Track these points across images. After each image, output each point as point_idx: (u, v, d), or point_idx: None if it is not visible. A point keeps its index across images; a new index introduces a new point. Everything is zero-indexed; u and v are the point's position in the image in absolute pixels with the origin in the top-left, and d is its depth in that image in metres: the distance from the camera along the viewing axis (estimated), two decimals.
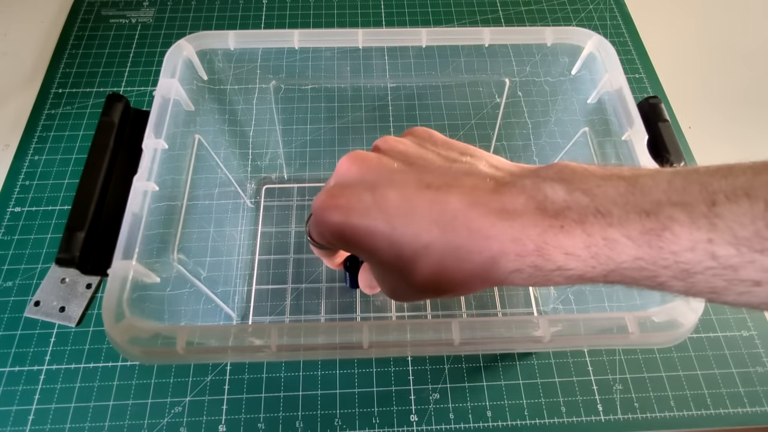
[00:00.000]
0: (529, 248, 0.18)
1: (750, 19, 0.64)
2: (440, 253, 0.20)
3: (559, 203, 0.18)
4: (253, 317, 0.42)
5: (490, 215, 0.19)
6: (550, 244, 0.18)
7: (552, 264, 0.18)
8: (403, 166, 0.23)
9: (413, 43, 0.35)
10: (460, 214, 0.20)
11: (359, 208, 0.21)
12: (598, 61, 0.34)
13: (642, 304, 0.28)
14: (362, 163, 0.23)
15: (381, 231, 0.21)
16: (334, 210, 0.22)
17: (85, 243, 0.26)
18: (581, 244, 0.17)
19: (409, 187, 0.21)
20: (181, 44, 0.33)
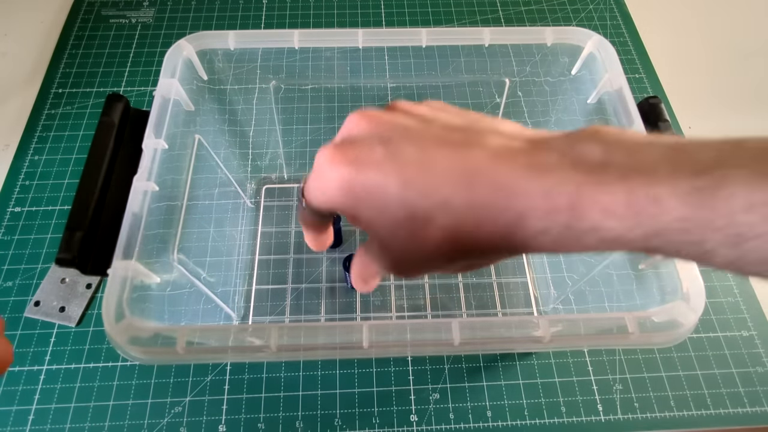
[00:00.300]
0: (560, 203, 0.17)
1: (750, 18, 0.64)
2: (459, 211, 0.18)
3: (595, 160, 0.17)
4: (253, 317, 0.42)
5: (518, 170, 0.18)
6: (585, 200, 0.16)
7: (586, 222, 0.16)
8: (419, 123, 0.21)
9: (413, 43, 0.35)
10: (483, 168, 0.18)
11: (370, 161, 0.19)
12: (598, 61, 0.34)
13: (642, 304, 0.28)
14: (375, 117, 0.21)
15: (393, 186, 0.19)
16: (341, 163, 0.20)
17: (85, 243, 0.26)
18: (622, 200, 0.16)
19: (426, 141, 0.20)
20: (181, 44, 0.33)
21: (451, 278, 0.44)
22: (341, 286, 0.43)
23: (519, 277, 0.44)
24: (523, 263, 0.45)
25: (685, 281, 0.25)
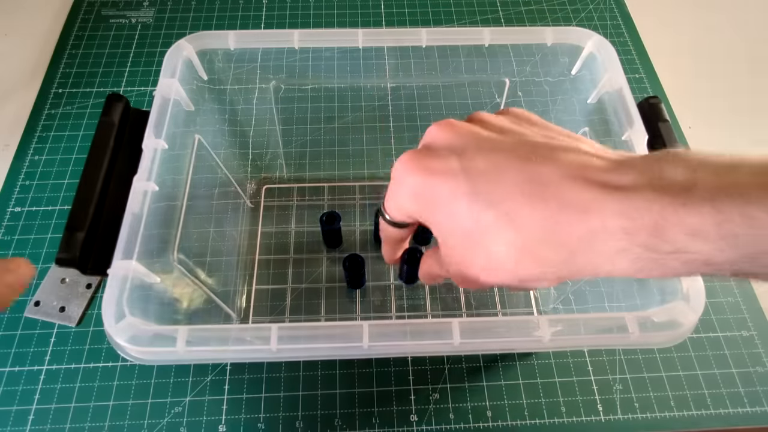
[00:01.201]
0: (640, 224, 0.16)
1: (750, 18, 0.64)
2: (523, 224, 0.18)
3: (680, 181, 0.16)
4: (253, 317, 0.42)
5: (591, 188, 0.17)
6: (669, 222, 0.15)
7: (669, 245, 0.16)
8: (495, 136, 0.21)
9: (413, 43, 0.35)
10: (552, 184, 0.18)
11: (444, 170, 0.20)
12: (598, 61, 0.34)
13: (642, 304, 0.28)
14: (452, 128, 0.22)
15: (462, 195, 0.20)
16: (416, 171, 0.21)
17: (85, 243, 0.26)
18: (710, 221, 0.15)
19: (498, 154, 0.20)
20: (181, 44, 0.33)
21: None
22: (341, 286, 0.43)
23: None
24: None
25: (685, 281, 0.25)
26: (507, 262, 0.20)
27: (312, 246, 0.45)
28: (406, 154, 0.22)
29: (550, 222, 0.18)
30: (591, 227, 0.17)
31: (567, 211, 0.17)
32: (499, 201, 0.19)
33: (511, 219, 0.19)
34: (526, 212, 0.18)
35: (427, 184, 0.21)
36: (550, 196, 0.18)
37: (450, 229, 0.21)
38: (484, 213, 0.19)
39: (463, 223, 0.20)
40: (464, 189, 0.20)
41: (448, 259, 0.23)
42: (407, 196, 0.22)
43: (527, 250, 0.19)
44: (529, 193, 0.18)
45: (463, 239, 0.21)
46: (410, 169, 0.21)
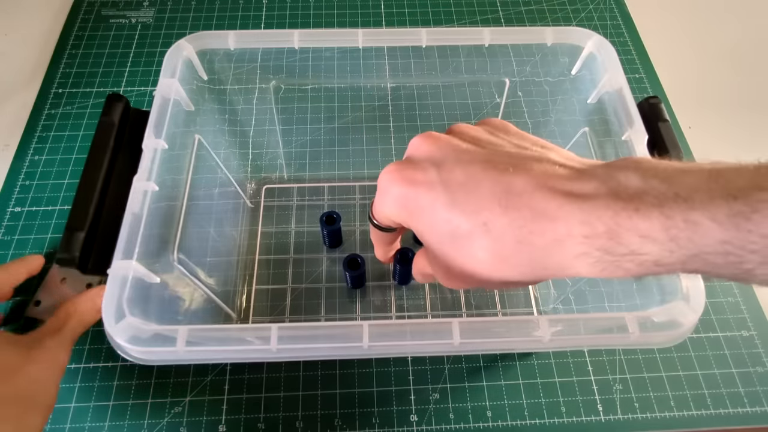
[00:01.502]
0: (599, 230, 0.17)
1: (750, 18, 0.64)
2: (499, 233, 0.20)
3: (633, 188, 0.18)
4: (253, 317, 0.42)
5: (558, 197, 0.19)
6: (623, 227, 0.17)
7: (624, 248, 0.17)
8: (472, 147, 0.23)
9: (413, 43, 0.35)
10: (525, 194, 0.19)
11: (424, 181, 0.22)
12: (598, 61, 0.34)
13: (642, 304, 0.28)
14: (433, 141, 0.23)
15: (441, 205, 0.21)
16: (399, 181, 0.22)
17: (85, 243, 0.26)
18: (659, 226, 0.16)
19: (475, 166, 0.21)
20: (181, 44, 0.33)
21: None
22: (341, 286, 0.43)
23: None
24: None
25: (685, 281, 0.25)
26: (485, 266, 0.21)
27: (312, 246, 0.45)
28: (390, 166, 0.23)
29: (523, 231, 0.19)
30: (558, 234, 0.18)
31: (538, 220, 0.19)
32: (476, 211, 0.20)
33: (488, 228, 0.20)
34: (501, 222, 0.20)
35: (409, 194, 0.22)
36: (523, 206, 0.19)
37: (432, 236, 0.23)
38: (462, 222, 0.21)
39: (443, 231, 0.21)
40: (443, 199, 0.21)
41: (433, 261, 0.24)
42: (392, 204, 0.23)
43: (503, 256, 0.20)
44: (505, 203, 0.20)
45: (445, 245, 0.22)
46: (394, 180, 0.23)
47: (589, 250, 0.18)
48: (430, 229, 0.22)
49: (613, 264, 0.18)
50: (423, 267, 0.27)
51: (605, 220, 0.17)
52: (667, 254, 0.17)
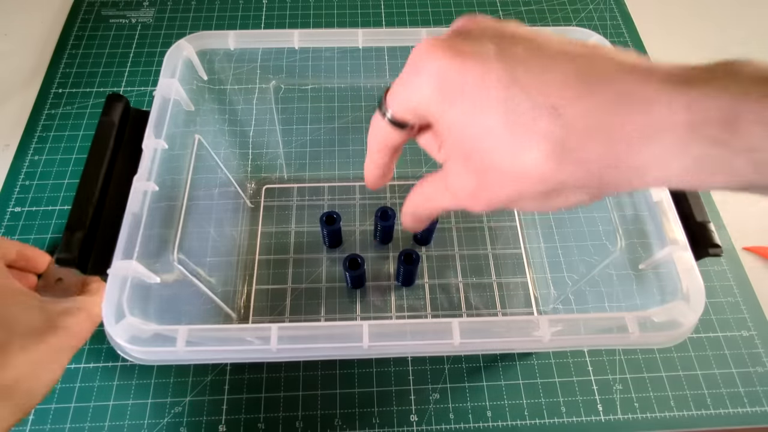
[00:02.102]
0: (711, 116, 0.14)
1: (750, 18, 0.64)
2: (571, 118, 0.16)
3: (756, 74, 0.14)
4: (253, 317, 0.42)
5: (653, 79, 0.15)
6: (744, 113, 0.14)
7: (742, 140, 0.14)
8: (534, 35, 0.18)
9: (413, 43, 0.35)
10: (609, 74, 0.16)
11: (478, 53, 0.17)
12: None
13: (642, 304, 0.28)
14: (489, 21, 0.19)
15: (496, 81, 0.17)
16: (444, 53, 0.17)
17: (85, 243, 0.26)
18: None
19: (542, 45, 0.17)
20: (181, 44, 0.33)
21: (451, 278, 0.44)
22: (341, 286, 0.43)
23: (519, 277, 0.44)
24: (523, 263, 0.45)
25: (685, 281, 0.25)
26: (544, 162, 0.16)
27: (312, 246, 0.45)
28: (431, 38, 0.18)
29: (605, 115, 0.15)
30: (652, 120, 0.15)
31: (626, 102, 0.15)
32: (544, 92, 0.16)
33: (557, 113, 0.16)
34: (577, 106, 0.16)
35: (454, 68, 0.17)
36: (606, 87, 0.15)
37: (472, 127, 0.18)
38: (522, 104, 0.16)
39: (490, 119, 0.17)
40: (499, 75, 0.17)
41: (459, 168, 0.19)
42: (426, 83, 0.18)
43: (569, 147, 0.16)
44: (582, 82, 0.16)
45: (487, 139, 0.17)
46: (434, 51, 0.18)
47: (692, 140, 0.14)
48: (472, 116, 0.17)
49: (719, 160, 0.14)
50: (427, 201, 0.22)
51: (721, 104, 0.14)
52: None
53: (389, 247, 0.45)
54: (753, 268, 0.45)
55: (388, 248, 0.45)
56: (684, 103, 0.14)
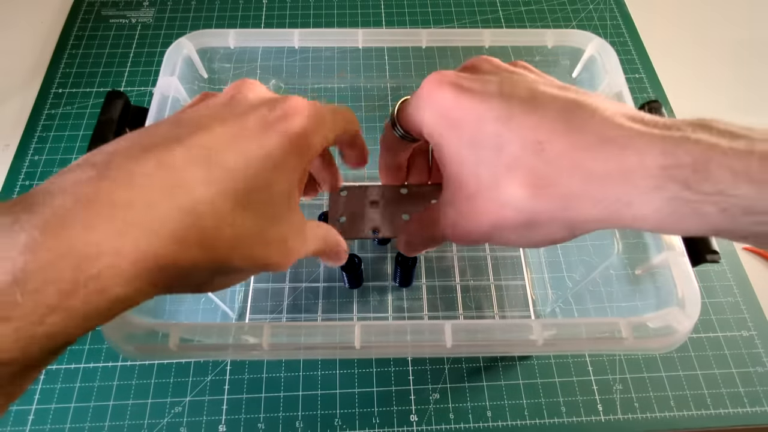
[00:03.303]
0: (683, 161, 0.15)
1: (750, 18, 0.64)
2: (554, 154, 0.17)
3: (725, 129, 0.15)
4: (251, 316, 0.42)
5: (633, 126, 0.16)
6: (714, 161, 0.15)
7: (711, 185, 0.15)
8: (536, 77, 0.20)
9: (413, 44, 0.35)
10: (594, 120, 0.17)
11: (480, 92, 0.19)
12: (598, 64, 0.34)
13: (642, 306, 0.28)
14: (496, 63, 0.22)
15: (493, 118, 0.18)
16: (451, 86, 0.20)
17: None
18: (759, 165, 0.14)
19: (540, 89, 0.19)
20: (181, 42, 0.33)
21: (449, 279, 0.44)
22: (340, 285, 0.43)
23: (517, 279, 0.44)
24: (522, 264, 0.45)
25: (681, 287, 0.25)
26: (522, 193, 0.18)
27: None
28: (441, 74, 0.21)
29: (586, 155, 0.17)
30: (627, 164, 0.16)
31: (606, 145, 0.16)
32: (532, 128, 0.18)
33: (542, 148, 0.17)
34: (561, 142, 0.17)
35: (457, 103, 0.19)
36: (590, 129, 0.17)
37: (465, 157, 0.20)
38: (512, 138, 0.18)
39: (483, 151, 0.19)
40: (497, 113, 0.18)
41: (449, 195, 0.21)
42: (430, 112, 0.20)
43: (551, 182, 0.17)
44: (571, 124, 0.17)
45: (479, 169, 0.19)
46: (444, 84, 0.20)
47: (664, 184, 0.15)
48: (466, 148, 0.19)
49: (690, 205, 0.15)
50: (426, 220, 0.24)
51: (693, 151, 0.15)
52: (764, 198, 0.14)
53: (388, 247, 0.45)
54: (753, 268, 0.45)
55: (386, 249, 0.45)
56: (659, 149, 0.15)
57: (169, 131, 0.18)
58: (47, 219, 0.14)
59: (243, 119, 0.19)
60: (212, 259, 0.17)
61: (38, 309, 0.13)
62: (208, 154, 0.17)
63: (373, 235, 0.28)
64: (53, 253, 0.14)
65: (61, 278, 0.14)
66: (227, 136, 0.18)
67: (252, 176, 0.18)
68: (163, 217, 0.16)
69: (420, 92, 0.21)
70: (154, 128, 0.18)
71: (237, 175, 0.18)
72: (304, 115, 0.20)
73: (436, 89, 0.20)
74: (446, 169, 0.21)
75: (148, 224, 0.15)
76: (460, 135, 0.20)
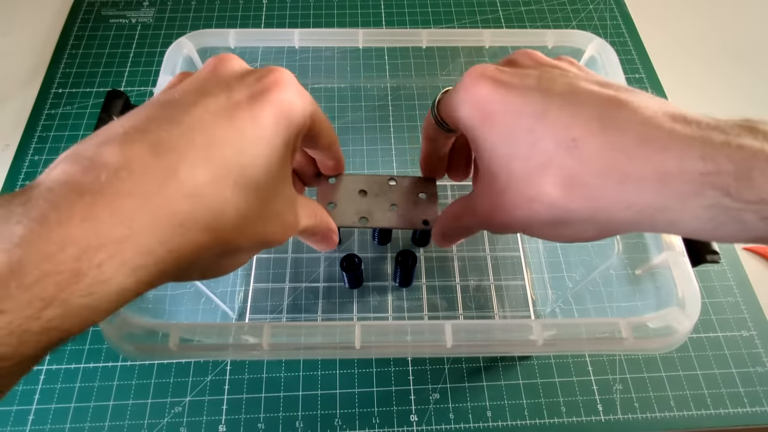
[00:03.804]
0: (724, 168, 0.14)
1: (750, 18, 0.64)
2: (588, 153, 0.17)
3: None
4: (251, 316, 0.42)
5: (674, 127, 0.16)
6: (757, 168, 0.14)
7: (753, 193, 0.14)
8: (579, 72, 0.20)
9: (413, 44, 0.35)
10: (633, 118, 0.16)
11: (519, 85, 0.19)
12: (599, 64, 0.34)
13: (642, 306, 0.28)
14: (539, 57, 0.21)
15: (529, 113, 0.18)
16: (490, 80, 0.20)
17: None
18: None
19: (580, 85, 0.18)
20: (181, 42, 0.33)
21: (450, 279, 0.44)
22: (340, 285, 0.43)
23: (517, 279, 0.44)
24: (522, 264, 0.45)
25: (681, 287, 0.25)
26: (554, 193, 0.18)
27: (311, 245, 0.45)
28: (483, 64, 0.21)
29: (621, 156, 0.16)
30: (665, 167, 0.15)
31: (643, 146, 0.16)
32: (568, 125, 0.17)
33: (575, 146, 0.17)
34: (595, 141, 0.17)
35: (494, 96, 0.19)
36: (628, 129, 0.16)
37: (500, 150, 0.19)
38: (546, 135, 0.18)
39: (517, 145, 0.19)
40: (534, 108, 0.18)
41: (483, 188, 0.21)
42: (468, 104, 0.20)
43: (582, 181, 0.17)
44: (607, 122, 0.17)
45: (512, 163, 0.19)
46: (484, 78, 0.20)
47: (703, 190, 0.15)
48: (503, 140, 0.19)
49: (729, 213, 0.15)
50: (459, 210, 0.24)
51: (735, 158, 0.14)
52: None
53: (388, 247, 0.45)
54: (753, 268, 0.45)
55: (386, 249, 0.45)
56: (699, 153, 0.15)
57: (158, 113, 0.17)
58: (45, 211, 0.14)
59: (231, 91, 0.19)
60: (218, 242, 0.17)
61: (34, 302, 0.13)
62: (203, 132, 0.17)
63: (360, 223, 0.29)
64: (53, 245, 0.13)
65: (61, 270, 0.13)
66: (218, 110, 0.18)
67: (249, 152, 0.18)
68: (165, 204, 0.15)
69: (460, 85, 0.21)
70: (143, 111, 0.18)
71: (234, 153, 0.17)
72: (291, 84, 0.21)
73: (476, 82, 0.20)
74: (481, 161, 0.21)
75: (150, 212, 0.15)
76: (495, 129, 0.19)
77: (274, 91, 0.20)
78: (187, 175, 0.16)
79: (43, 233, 0.13)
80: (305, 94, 0.22)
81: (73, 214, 0.14)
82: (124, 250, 0.14)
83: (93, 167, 0.15)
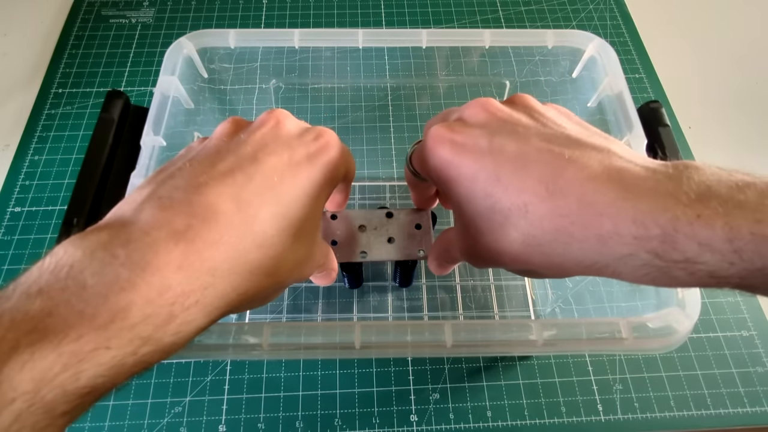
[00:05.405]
0: (652, 233, 0.16)
1: (750, 18, 0.64)
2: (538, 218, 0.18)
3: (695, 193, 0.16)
4: (251, 316, 0.42)
5: (611, 191, 0.17)
6: (681, 232, 0.16)
7: (679, 254, 0.16)
8: (532, 123, 0.21)
9: (413, 44, 0.35)
10: (575, 183, 0.18)
11: (472, 150, 0.21)
12: (599, 64, 0.34)
13: (643, 306, 0.28)
14: (493, 110, 0.22)
15: (485, 178, 0.20)
16: (447, 143, 0.21)
17: None
18: (722, 236, 0.15)
19: (530, 143, 0.20)
20: (181, 42, 0.33)
21: (450, 279, 0.44)
22: (340, 286, 0.43)
23: (517, 279, 0.44)
24: None
25: None
26: (515, 249, 0.20)
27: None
28: (442, 124, 0.22)
29: (564, 221, 0.18)
30: (603, 231, 0.17)
31: (583, 213, 0.18)
32: (519, 191, 0.19)
33: (527, 211, 0.19)
34: (543, 207, 0.18)
35: (454, 160, 0.21)
36: (570, 195, 0.18)
37: (468, 206, 0.21)
38: (502, 200, 0.20)
39: (479, 205, 0.20)
40: (488, 173, 0.20)
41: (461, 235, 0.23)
42: (431, 166, 0.22)
43: (537, 242, 0.19)
44: (552, 189, 0.18)
45: (478, 219, 0.21)
46: (442, 142, 0.22)
47: (636, 252, 0.17)
48: (467, 200, 0.21)
49: (661, 270, 0.16)
50: (444, 252, 0.26)
51: (662, 222, 0.16)
52: (726, 266, 0.15)
53: None
54: None
55: None
56: (632, 218, 0.16)
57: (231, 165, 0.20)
58: (146, 256, 0.16)
59: (292, 150, 0.22)
60: (275, 283, 0.20)
61: (135, 341, 0.15)
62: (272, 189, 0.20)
63: (360, 258, 0.31)
64: (154, 291, 0.16)
65: (158, 313, 0.16)
66: (283, 168, 0.21)
67: (305, 206, 0.21)
68: (242, 254, 0.18)
69: (423, 145, 0.23)
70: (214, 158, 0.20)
71: (296, 208, 0.20)
72: (337, 147, 0.24)
73: (435, 145, 0.22)
74: (455, 212, 0.23)
75: (229, 261, 0.18)
76: (458, 191, 0.21)
77: (324, 153, 0.23)
78: (260, 227, 0.19)
79: (147, 279, 0.16)
80: (346, 150, 0.25)
81: (170, 261, 0.16)
82: (207, 295, 0.17)
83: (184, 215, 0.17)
